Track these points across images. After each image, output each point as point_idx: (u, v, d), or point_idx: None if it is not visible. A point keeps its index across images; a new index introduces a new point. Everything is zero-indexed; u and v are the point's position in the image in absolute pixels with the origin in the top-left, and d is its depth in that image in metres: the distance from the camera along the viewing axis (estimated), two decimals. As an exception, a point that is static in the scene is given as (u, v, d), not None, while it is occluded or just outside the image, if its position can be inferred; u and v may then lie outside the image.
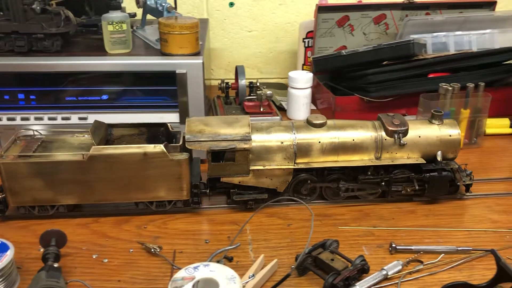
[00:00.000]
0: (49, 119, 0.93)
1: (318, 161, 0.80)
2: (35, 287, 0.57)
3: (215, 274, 0.55)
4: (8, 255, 0.61)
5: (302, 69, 1.33)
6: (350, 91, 1.13)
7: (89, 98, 0.93)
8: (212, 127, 0.77)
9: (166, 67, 0.90)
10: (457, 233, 0.75)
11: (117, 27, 0.93)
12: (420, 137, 0.81)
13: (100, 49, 0.96)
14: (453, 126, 0.83)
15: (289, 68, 1.35)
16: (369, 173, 0.81)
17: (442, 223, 0.78)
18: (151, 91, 0.94)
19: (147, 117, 0.93)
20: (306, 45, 1.30)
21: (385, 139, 0.80)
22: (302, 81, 1.12)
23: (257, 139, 0.78)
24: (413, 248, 0.70)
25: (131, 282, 0.65)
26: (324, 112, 1.20)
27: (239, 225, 0.76)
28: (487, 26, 1.19)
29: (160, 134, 0.84)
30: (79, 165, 0.74)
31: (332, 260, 0.65)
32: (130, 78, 0.92)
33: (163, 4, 1.01)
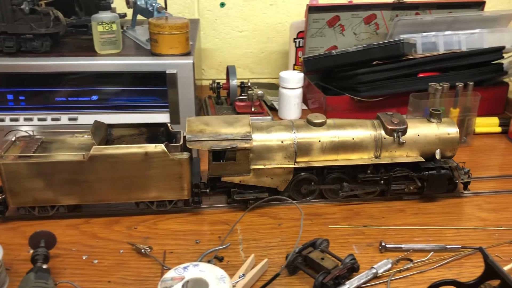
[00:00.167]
0: (39, 119, 0.93)
1: (318, 160, 0.80)
2: (23, 288, 0.57)
3: (204, 274, 0.55)
4: (-3, 257, 0.61)
5: (293, 69, 1.34)
6: (340, 91, 1.14)
7: (79, 99, 0.93)
8: (212, 126, 0.77)
9: (156, 67, 0.90)
10: (447, 231, 0.76)
11: (107, 28, 0.93)
12: (419, 135, 0.81)
13: (90, 50, 0.96)
14: (451, 124, 0.83)
15: (280, 68, 1.35)
16: (368, 171, 0.81)
17: (431, 221, 0.78)
18: (141, 91, 0.93)
19: (138, 117, 0.93)
20: (297, 45, 1.30)
21: (385, 138, 0.80)
22: (293, 81, 1.12)
23: (257, 139, 0.78)
24: (402, 246, 0.70)
25: (121, 283, 0.64)
26: (315, 112, 1.20)
27: (230, 225, 0.76)
28: (476, 26, 1.20)
29: (160, 134, 0.83)
30: (79, 165, 0.73)
31: (322, 259, 0.65)
32: (120, 78, 0.92)
33: (153, 5, 1.01)
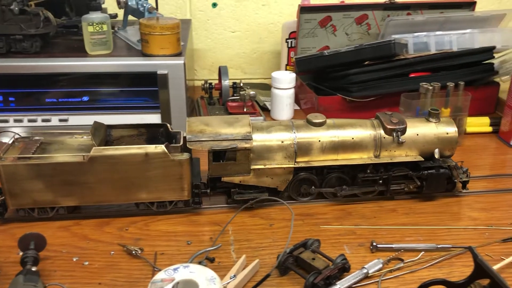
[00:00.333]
0: (29, 121, 0.93)
1: (318, 159, 0.80)
2: (12, 291, 0.57)
3: (195, 275, 0.55)
4: (-14, 260, 0.61)
5: (286, 69, 1.34)
6: (332, 91, 1.14)
7: (70, 100, 0.93)
8: (212, 127, 0.76)
9: (147, 68, 0.90)
10: (437, 231, 0.76)
11: (97, 28, 0.92)
12: (418, 135, 0.82)
13: (80, 50, 0.95)
14: (450, 124, 0.83)
15: (272, 69, 1.35)
16: (368, 171, 0.81)
17: (423, 221, 0.78)
18: (132, 92, 0.93)
19: (129, 118, 0.93)
20: (289, 45, 1.30)
21: (384, 138, 0.81)
22: (285, 81, 1.12)
23: (257, 139, 0.78)
24: (393, 246, 0.71)
25: (112, 285, 0.64)
26: (307, 112, 1.20)
27: (221, 226, 0.76)
28: (467, 26, 1.20)
29: (159, 134, 0.83)
30: (79, 167, 0.72)
31: (313, 259, 0.65)
32: (111, 79, 0.92)
33: (144, 5, 1.00)
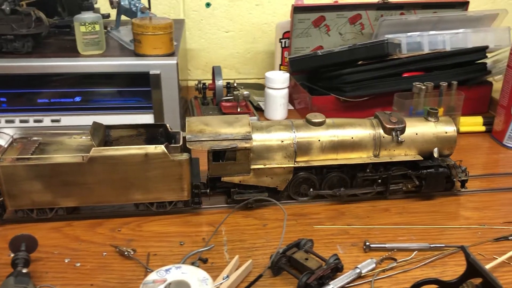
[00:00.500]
0: (21, 121, 0.92)
1: (318, 159, 0.80)
2: (3, 293, 0.56)
3: (187, 276, 0.55)
4: (-24, 261, 0.60)
5: (279, 69, 1.34)
6: (326, 91, 1.14)
7: (62, 100, 0.92)
8: (212, 126, 0.76)
9: (139, 68, 0.90)
10: (430, 230, 0.76)
11: (89, 28, 0.92)
12: (417, 134, 0.82)
13: (72, 51, 0.95)
14: (449, 123, 0.84)
15: (266, 69, 1.35)
16: (367, 170, 0.81)
17: (416, 220, 0.78)
18: (125, 92, 0.93)
19: (121, 118, 0.92)
20: (283, 45, 1.30)
21: (383, 137, 0.81)
22: (279, 81, 1.12)
23: (257, 138, 0.78)
24: (387, 246, 0.71)
25: (104, 286, 0.64)
26: (301, 112, 1.20)
27: (215, 226, 0.76)
28: (460, 26, 1.20)
29: (158, 135, 0.82)
30: (79, 167, 0.72)
31: (306, 259, 0.65)
32: (103, 79, 0.91)
33: (137, 5, 1.00)
